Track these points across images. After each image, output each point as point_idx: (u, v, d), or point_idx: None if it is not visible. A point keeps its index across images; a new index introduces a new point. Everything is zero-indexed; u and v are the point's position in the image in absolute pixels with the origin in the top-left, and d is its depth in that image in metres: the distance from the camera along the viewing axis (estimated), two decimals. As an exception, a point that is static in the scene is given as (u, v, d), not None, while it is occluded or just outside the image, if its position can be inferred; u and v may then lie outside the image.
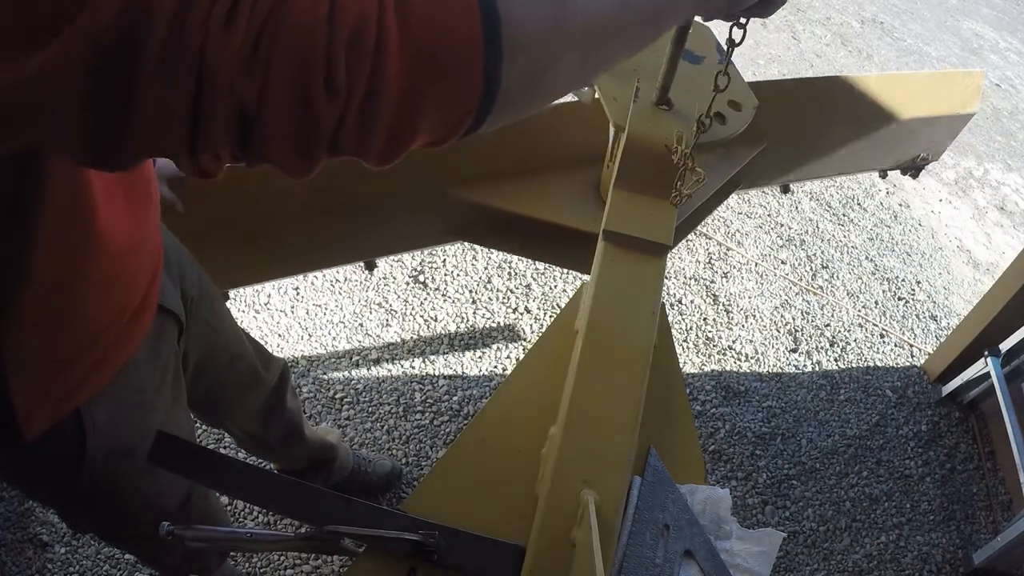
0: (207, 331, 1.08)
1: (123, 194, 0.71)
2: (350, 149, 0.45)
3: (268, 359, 1.32)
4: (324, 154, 0.45)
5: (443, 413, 1.99)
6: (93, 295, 0.72)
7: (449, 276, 2.30)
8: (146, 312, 0.83)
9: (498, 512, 0.81)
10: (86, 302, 0.71)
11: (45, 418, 0.75)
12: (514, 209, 1.30)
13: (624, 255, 0.98)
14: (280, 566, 1.66)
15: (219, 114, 0.41)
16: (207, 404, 1.24)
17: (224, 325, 1.15)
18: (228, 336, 1.17)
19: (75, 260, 0.67)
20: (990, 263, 3.06)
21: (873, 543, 2.01)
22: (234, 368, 1.20)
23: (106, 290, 0.74)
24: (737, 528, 0.83)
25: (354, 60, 0.40)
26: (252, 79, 0.40)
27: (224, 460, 0.88)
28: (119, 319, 0.77)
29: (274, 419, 1.38)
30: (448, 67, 0.43)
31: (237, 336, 1.20)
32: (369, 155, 0.46)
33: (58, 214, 0.61)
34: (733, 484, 2.05)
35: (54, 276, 0.65)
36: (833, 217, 3.00)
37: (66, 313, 0.70)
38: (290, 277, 2.08)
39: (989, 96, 4.25)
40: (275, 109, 0.41)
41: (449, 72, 0.44)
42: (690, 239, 2.69)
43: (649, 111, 1.09)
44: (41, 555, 1.58)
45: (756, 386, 2.28)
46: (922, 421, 2.34)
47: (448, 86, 0.44)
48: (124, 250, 0.73)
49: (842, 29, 4.43)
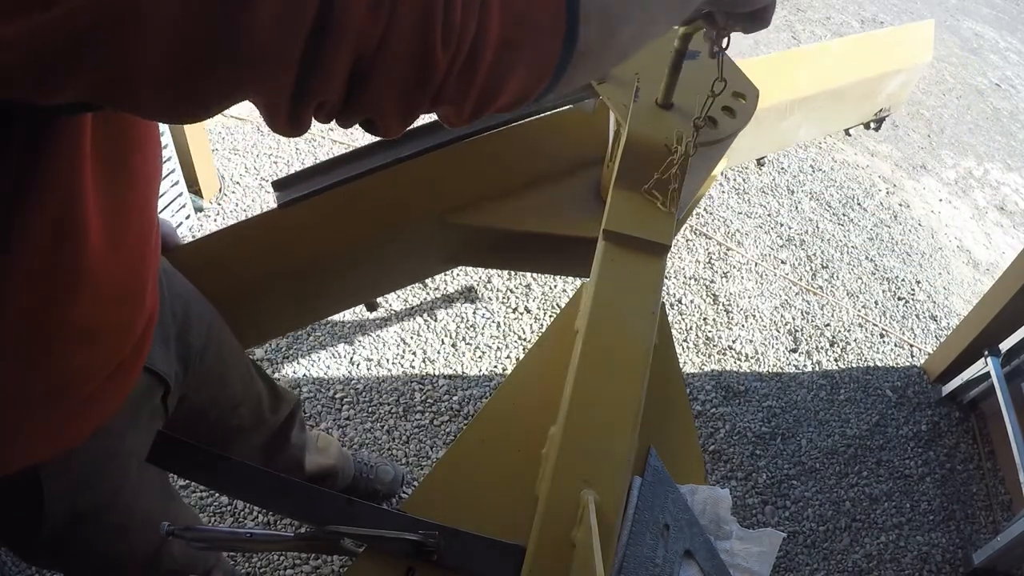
0: (211, 379, 1.04)
1: (121, 234, 0.65)
2: (449, 100, 0.46)
3: (279, 400, 1.28)
4: (424, 107, 0.46)
5: (443, 413, 1.98)
6: (72, 340, 0.66)
7: (449, 276, 2.30)
8: (132, 371, 0.78)
9: (498, 512, 0.81)
10: (63, 346, 0.65)
11: (6, 461, 0.69)
12: (515, 227, 1.27)
13: (624, 255, 0.97)
14: (280, 566, 1.66)
15: (338, 54, 0.39)
16: (207, 442, 1.22)
17: (230, 371, 1.10)
18: (233, 382, 1.12)
19: (55, 298, 0.61)
20: (990, 263, 3.06)
21: (873, 543, 2.01)
22: (236, 414, 1.16)
23: (88, 337, 0.67)
24: (737, 528, 0.83)
25: (466, 12, 0.42)
26: (377, 22, 0.39)
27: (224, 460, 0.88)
28: (101, 371, 0.71)
29: (275, 455, 1.35)
30: (535, 27, 0.46)
31: (245, 380, 1.16)
32: (463, 110, 0.48)
33: (44, 245, 0.56)
34: (733, 484, 2.05)
35: (28, 312, 0.59)
36: (833, 217, 3.00)
37: (39, 353, 0.64)
38: (290, 333, 2.06)
39: (989, 96, 4.26)
40: (393, 54, 0.41)
41: (535, 32, 0.46)
42: (690, 239, 2.69)
43: (649, 111, 1.09)
44: (41, 555, 1.58)
45: (756, 386, 2.28)
46: (922, 421, 2.34)
47: (533, 46, 0.46)
48: (114, 296, 0.68)
49: (842, 29, 4.43)
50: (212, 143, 2.56)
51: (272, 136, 2.67)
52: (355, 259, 1.28)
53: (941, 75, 4.30)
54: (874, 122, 2.08)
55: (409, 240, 1.27)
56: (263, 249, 1.18)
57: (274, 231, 1.17)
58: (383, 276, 1.42)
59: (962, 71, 4.44)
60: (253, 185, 2.48)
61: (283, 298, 1.22)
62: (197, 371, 0.98)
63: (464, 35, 0.42)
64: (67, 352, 0.66)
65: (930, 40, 1.94)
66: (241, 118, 2.72)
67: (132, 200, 0.66)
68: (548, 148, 1.33)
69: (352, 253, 1.25)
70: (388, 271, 1.40)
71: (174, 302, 0.92)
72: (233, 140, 2.63)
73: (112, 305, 0.69)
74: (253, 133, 2.67)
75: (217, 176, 2.44)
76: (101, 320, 0.68)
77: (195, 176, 2.27)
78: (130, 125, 0.62)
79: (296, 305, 1.34)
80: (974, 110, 4.07)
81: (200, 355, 0.97)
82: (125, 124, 0.61)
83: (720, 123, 1.13)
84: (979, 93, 4.26)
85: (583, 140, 1.34)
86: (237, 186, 2.46)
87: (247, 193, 2.45)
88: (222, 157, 2.54)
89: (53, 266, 0.58)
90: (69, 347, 0.66)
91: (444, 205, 1.22)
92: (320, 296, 1.36)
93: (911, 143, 3.63)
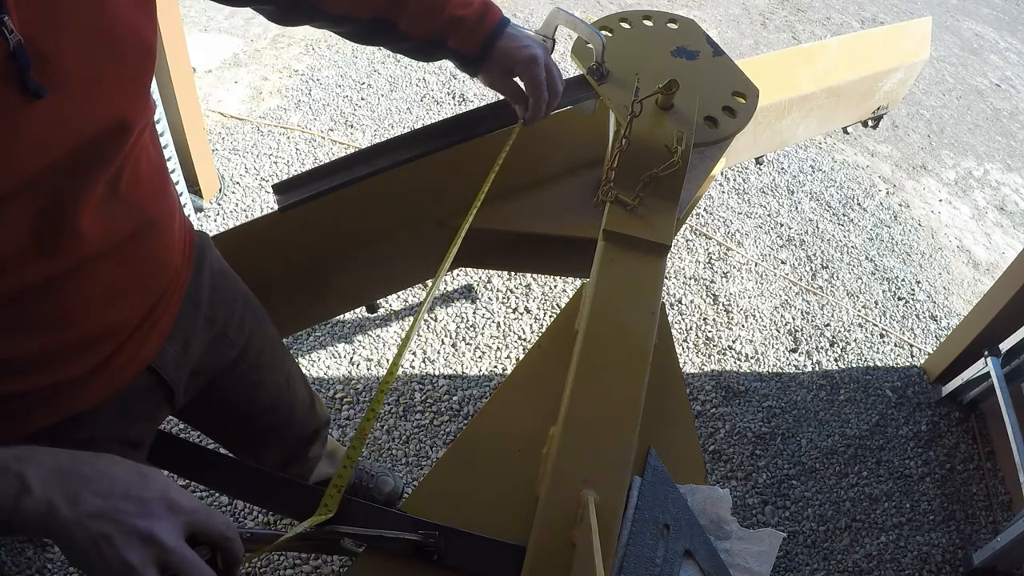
0: (244, 386, 1.04)
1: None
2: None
3: (310, 415, 1.27)
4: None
5: (443, 413, 1.99)
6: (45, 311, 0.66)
7: (449, 276, 2.30)
8: (127, 367, 0.78)
9: (498, 512, 0.81)
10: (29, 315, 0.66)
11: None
12: (515, 228, 1.27)
13: (624, 255, 0.97)
14: (280, 566, 1.66)
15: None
16: (229, 446, 1.21)
17: (265, 379, 1.09)
18: (267, 391, 1.11)
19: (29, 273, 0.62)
20: (990, 263, 3.06)
21: (873, 543, 2.01)
22: (262, 422, 1.15)
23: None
24: (737, 528, 0.83)
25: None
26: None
27: (224, 460, 0.88)
28: (76, 358, 0.72)
29: (289, 464, 1.33)
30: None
31: (280, 388, 1.15)
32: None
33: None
34: (733, 484, 2.05)
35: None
36: (833, 217, 3.00)
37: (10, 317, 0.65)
38: (291, 335, 2.06)
39: (989, 96, 4.26)
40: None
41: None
42: (690, 239, 2.69)
43: (649, 111, 1.09)
44: (41, 555, 1.58)
45: (756, 386, 2.28)
46: (922, 421, 2.34)
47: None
48: (105, 293, 0.70)
49: (842, 29, 4.43)
50: (212, 143, 2.56)
51: (272, 136, 2.67)
52: (355, 262, 1.28)
53: (941, 75, 4.30)
54: (872, 120, 2.08)
55: (409, 243, 1.27)
56: (264, 252, 1.18)
57: (275, 234, 1.18)
58: (383, 279, 1.42)
59: (962, 71, 4.44)
60: (253, 185, 2.48)
61: (284, 301, 1.22)
62: (231, 375, 0.98)
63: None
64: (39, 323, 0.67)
65: (928, 37, 1.94)
66: (241, 118, 2.73)
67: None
68: (548, 149, 1.33)
69: (352, 256, 1.25)
70: (388, 274, 1.40)
71: (216, 308, 0.92)
72: (233, 140, 2.63)
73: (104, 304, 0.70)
74: (253, 133, 2.67)
75: (217, 176, 2.44)
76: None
77: (195, 176, 2.27)
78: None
79: (296, 308, 1.34)
80: (974, 110, 4.07)
81: (231, 366, 0.98)
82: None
83: (720, 123, 1.13)
84: (979, 93, 4.26)
85: (583, 140, 1.34)
86: (237, 186, 2.46)
87: (247, 193, 2.45)
88: (222, 157, 2.55)
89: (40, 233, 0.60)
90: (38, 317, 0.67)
91: (444, 208, 1.22)
92: (320, 299, 1.36)
93: (911, 143, 3.63)
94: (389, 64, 3.11)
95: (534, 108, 1.02)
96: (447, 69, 3.14)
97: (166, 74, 1.99)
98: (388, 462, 1.88)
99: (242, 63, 3.00)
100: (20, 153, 0.55)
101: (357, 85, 2.98)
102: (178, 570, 0.56)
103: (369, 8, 0.90)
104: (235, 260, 1.02)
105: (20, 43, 0.52)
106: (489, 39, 0.95)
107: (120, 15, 0.61)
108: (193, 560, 0.57)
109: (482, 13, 0.94)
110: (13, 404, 0.71)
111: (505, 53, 0.97)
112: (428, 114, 2.92)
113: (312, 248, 1.21)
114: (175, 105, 2.05)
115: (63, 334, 0.69)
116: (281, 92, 2.89)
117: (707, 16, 4.11)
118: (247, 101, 2.82)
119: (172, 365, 0.86)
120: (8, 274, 0.60)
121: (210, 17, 3.19)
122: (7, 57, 0.52)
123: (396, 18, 0.92)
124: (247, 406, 1.10)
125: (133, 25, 0.62)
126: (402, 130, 2.36)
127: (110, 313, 0.73)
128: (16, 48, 0.52)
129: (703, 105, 1.13)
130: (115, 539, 0.54)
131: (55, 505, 0.54)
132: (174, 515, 0.57)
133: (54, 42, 0.55)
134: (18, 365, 0.68)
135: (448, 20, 0.93)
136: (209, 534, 0.60)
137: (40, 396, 0.72)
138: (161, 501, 0.57)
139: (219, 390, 1.00)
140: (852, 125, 2.10)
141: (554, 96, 1.03)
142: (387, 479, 1.75)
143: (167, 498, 0.58)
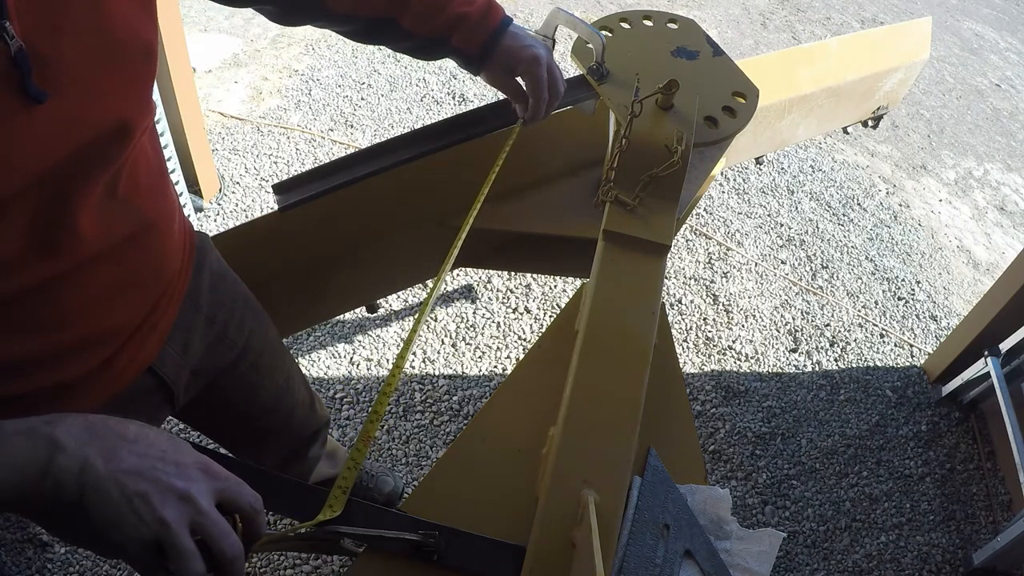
0: (244, 387, 1.05)
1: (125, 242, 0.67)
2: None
3: (311, 416, 1.28)
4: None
5: (443, 413, 1.99)
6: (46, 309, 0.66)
7: (449, 276, 2.30)
8: (127, 369, 0.78)
9: (498, 512, 0.81)
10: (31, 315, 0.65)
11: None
12: (516, 228, 1.27)
13: (624, 255, 0.97)
14: (280, 566, 1.66)
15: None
16: (229, 447, 1.21)
17: (265, 379, 1.10)
18: (267, 391, 1.12)
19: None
20: (990, 263, 3.06)
21: (873, 543, 2.01)
22: (261, 422, 1.16)
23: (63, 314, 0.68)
24: (737, 528, 0.83)
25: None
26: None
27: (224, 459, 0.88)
28: (76, 359, 0.72)
29: (290, 464, 1.34)
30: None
31: (281, 389, 1.15)
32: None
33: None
34: (733, 484, 2.05)
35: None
36: (833, 217, 3.00)
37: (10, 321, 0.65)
38: (291, 335, 2.06)
39: (989, 96, 4.26)
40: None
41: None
42: (690, 239, 2.69)
43: (649, 111, 1.09)
44: (41, 555, 1.58)
45: (756, 386, 2.28)
46: (922, 421, 2.34)
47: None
48: (105, 294, 0.70)
49: (842, 29, 4.43)
50: (212, 143, 2.56)
51: (272, 136, 2.67)
52: (355, 262, 1.28)
53: (941, 75, 4.30)
54: (872, 120, 2.08)
55: (409, 243, 1.27)
56: (264, 252, 1.18)
57: (275, 234, 1.18)
58: (383, 279, 1.42)
59: (962, 71, 4.44)
60: (253, 185, 2.48)
61: (284, 301, 1.22)
62: (224, 378, 0.98)
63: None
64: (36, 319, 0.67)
65: (928, 37, 1.94)
66: (241, 118, 2.73)
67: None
68: (548, 149, 1.33)
69: (352, 256, 1.26)
70: (388, 274, 1.40)
71: (216, 309, 0.92)
72: (233, 140, 2.63)
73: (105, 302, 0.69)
74: (253, 133, 2.67)
75: (217, 176, 2.44)
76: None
77: (195, 176, 2.27)
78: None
79: (296, 308, 1.34)
80: (974, 110, 4.07)
81: (230, 366, 0.98)
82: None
83: (720, 123, 1.13)
84: (979, 93, 4.26)
85: (583, 140, 1.34)
86: (237, 186, 2.46)
87: (247, 193, 2.45)
88: (222, 157, 2.54)
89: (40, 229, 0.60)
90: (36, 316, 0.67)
91: (444, 208, 1.22)
92: (320, 299, 1.36)
93: (911, 143, 3.63)
94: (389, 64, 3.11)
95: (534, 108, 1.02)
96: (447, 69, 3.14)
97: (166, 74, 1.99)
98: (388, 462, 1.88)
99: (242, 63, 3.00)
100: (21, 157, 0.55)
101: (357, 85, 2.98)
102: (208, 534, 0.55)
103: (371, 6, 0.90)
104: (235, 260, 1.02)
105: (21, 48, 0.51)
106: (492, 38, 0.95)
107: (121, 17, 0.60)
108: (224, 526, 0.56)
109: (485, 11, 0.94)
110: (13, 405, 0.70)
111: (508, 52, 0.96)
112: (428, 114, 2.92)
113: (312, 248, 1.21)
114: (175, 105, 2.05)
115: (63, 335, 0.69)
116: (281, 92, 2.89)
117: (707, 16, 4.11)
118: (247, 101, 2.82)
119: (172, 366, 0.86)
120: (8, 275, 0.60)
121: (210, 17, 3.19)
122: (8, 63, 0.51)
123: (399, 16, 0.91)
124: (247, 407, 1.10)
125: (134, 26, 0.62)
126: (402, 130, 2.36)
127: (110, 314, 0.73)
128: (17, 53, 0.51)
129: (703, 105, 1.13)
130: (152, 496, 0.53)
131: (90, 461, 0.52)
132: (209, 480, 0.57)
133: (55, 46, 0.55)
134: (18, 366, 0.68)
135: (451, 18, 0.92)
136: (239, 504, 0.59)
137: (40, 397, 0.71)
138: (196, 466, 0.57)
139: (219, 391, 1.00)
140: (852, 125, 2.10)
141: (555, 97, 1.02)
142: (387, 479, 1.75)
143: (202, 463, 0.58)
